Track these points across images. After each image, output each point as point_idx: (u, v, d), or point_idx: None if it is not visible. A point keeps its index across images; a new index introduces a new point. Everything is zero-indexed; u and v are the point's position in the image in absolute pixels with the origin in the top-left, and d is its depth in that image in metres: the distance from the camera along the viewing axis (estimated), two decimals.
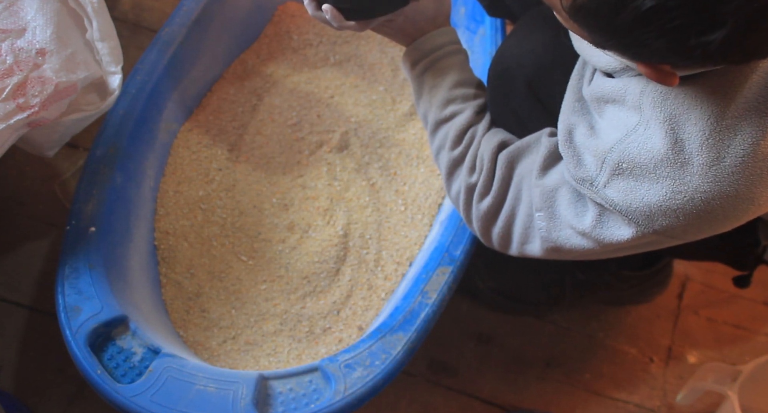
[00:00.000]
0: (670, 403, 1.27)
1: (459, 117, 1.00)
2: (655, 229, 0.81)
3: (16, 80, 1.00)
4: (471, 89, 1.02)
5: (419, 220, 1.26)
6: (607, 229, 0.85)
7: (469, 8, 1.37)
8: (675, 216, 0.79)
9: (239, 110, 1.37)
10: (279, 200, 1.29)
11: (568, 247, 0.90)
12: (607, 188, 0.82)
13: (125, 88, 1.21)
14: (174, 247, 1.22)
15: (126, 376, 0.97)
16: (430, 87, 1.02)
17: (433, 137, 1.03)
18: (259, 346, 1.17)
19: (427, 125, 1.04)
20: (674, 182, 0.78)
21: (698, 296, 1.37)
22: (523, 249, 0.97)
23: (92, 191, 1.12)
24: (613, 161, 0.81)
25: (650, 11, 0.63)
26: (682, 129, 0.77)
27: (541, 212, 0.91)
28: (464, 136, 1.00)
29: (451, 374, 1.26)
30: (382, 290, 1.21)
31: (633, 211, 0.81)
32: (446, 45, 1.02)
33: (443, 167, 1.02)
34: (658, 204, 0.79)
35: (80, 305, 1.00)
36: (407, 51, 1.03)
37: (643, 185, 0.79)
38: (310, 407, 0.96)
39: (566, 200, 0.88)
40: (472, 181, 0.98)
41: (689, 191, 0.77)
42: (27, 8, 1.04)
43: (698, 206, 0.78)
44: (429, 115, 1.03)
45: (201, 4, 1.33)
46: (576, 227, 0.87)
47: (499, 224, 0.97)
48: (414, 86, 1.04)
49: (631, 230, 0.82)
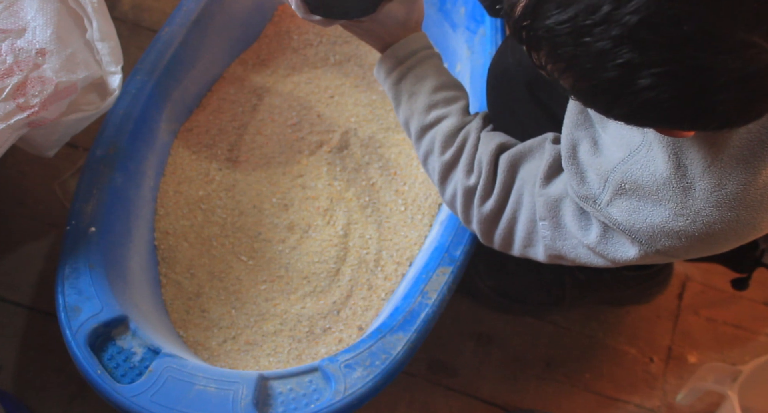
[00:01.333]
0: (670, 403, 1.27)
1: (445, 121, 1.00)
2: (657, 249, 0.82)
3: (16, 80, 1.00)
4: (451, 92, 1.01)
5: (419, 220, 1.26)
6: (612, 246, 0.85)
7: (469, 8, 1.37)
8: (677, 238, 0.80)
9: (239, 110, 1.37)
10: (279, 200, 1.29)
11: (572, 256, 0.91)
12: (610, 207, 0.83)
13: (125, 88, 1.21)
14: (174, 247, 1.22)
15: (126, 376, 0.97)
16: (409, 94, 1.01)
17: (419, 144, 1.02)
18: (259, 346, 1.17)
19: (410, 132, 1.03)
20: (677, 206, 0.78)
21: (698, 296, 1.37)
22: (526, 252, 0.97)
23: (92, 191, 1.12)
24: (616, 181, 0.81)
25: (645, 103, 0.64)
26: (685, 155, 0.77)
27: (545, 222, 0.91)
28: (455, 139, 0.99)
29: (451, 374, 1.26)
30: (382, 290, 1.21)
31: (636, 231, 0.81)
32: (419, 50, 1.01)
33: (435, 172, 1.01)
34: (660, 226, 0.80)
35: (80, 305, 1.00)
36: (381, 60, 1.02)
37: (646, 206, 0.80)
38: (310, 407, 0.96)
39: (571, 212, 0.88)
40: (471, 183, 0.97)
41: (691, 214, 0.78)
42: (27, 8, 1.04)
43: (700, 229, 0.78)
44: (411, 122, 1.02)
45: (201, 4, 1.33)
46: (581, 240, 0.88)
47: (501, 227, 0.97)
48: (391, 95, 1.03)
49: (635, 249, 0.83)
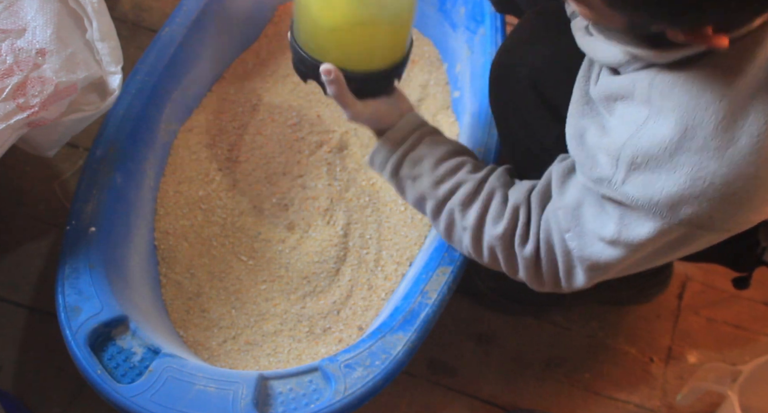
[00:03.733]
0: (670, 403, 1.27)
1: (460, 189, 0.98)
2: (680, 219, 0.79)
3: (16, 80, 1.00)
4: (453, 160, 1.00)
5: (419, 220, 1.26)
6: (632, 229, 0.83)
7: (469, 8, 1.37)
8: (698, 203, 0.78)
9: (239, 110, 1.37)
10: (279, 200, 1.29)
11: (603, 261, 0.89)
12: (625, 185, 0.81)
13: (125, 88, 1.20)
14: (174, 247, 1.22)
15: (126, 376, 0.97)
16: (412, 179, 1.01)
17: (438, 220, 1.01)
18: (259, 346, 1.17)
19: (426, 213, 1.02)
20: (692, 169, 0.77)
21: (698, 296, 1.37)
22: (572, 282, 0.94)
23: (92, 191, 1.12)
24: (628, 157, 0.80)
25: None
26: (692, 115, 0.76)
27: (570, 233, 0.90)
28: (474, 200, 0.98)
29: (451, 374, 1.26)
30: (382, 290, 1.21)
31: (655, 204, 0.79)
32: (409, 135, 1.02)
33: (465, 239, 0.99)
34: (679, 193, 0.78)
35: (80, 305, 1.00)
36: (373, 153, 1.03)
37: (661, 176, 0.78)
38: (310, 407, 0.96)
39: (590, 214, 0.87)
40: (500, 229, 0.95)
41: (708, 176, 0.76)
42: (27, 8, 1.04)
43: (720, 189, 0.76)
44: (425, 203, 1.01)
45: (201, 4, 1.33)
46: (604, 237, 0.86)
47: (543, 262, 0.94)
48: (394, 185, 1.04)
49: (655, 224, 0.81)
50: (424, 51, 1.46)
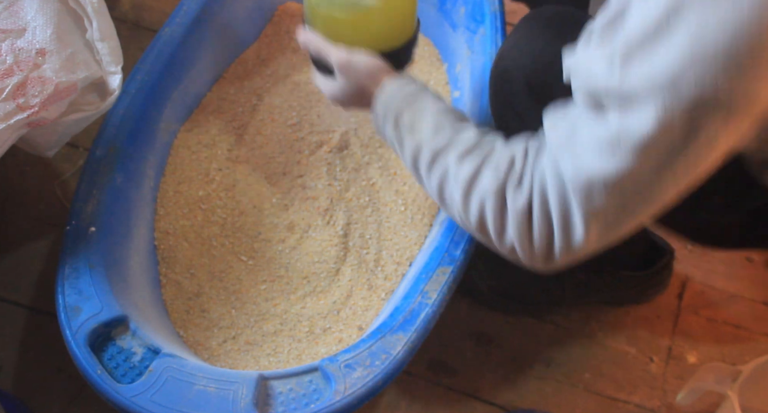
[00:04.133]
0: (670, 403, 1.27)
1: (462, 135, 0.93)
2: (682, 99, 0.74)
3: (16, 80, 1.00)
4: (457, 113, 0.97)
5: (419, 220, 1.26)
6: (632, 127, 0.77)
7: (469, 8, 1.37)
8: (702, 66, 0.72)
9: (239, 110, 1.37)
10: (279, 200, 1.29)
11: (602, 178, 0.80)
12: (628, 80, 0.76)
13: (125, 88, 1.21)
14: (174, 247, 1.22)
15: (126, 376, 0.97)
16: (410, 127, 0.97)
17: (431, 172, 0.94)
18: (259, 346, 1.17)
19: (419, 165, 0.96)
20: (689, 29, 0.72)
21: (698, 296, 1.37)
22: (569, 238, 0.85)
23: (92, 191, 1.12)
24: (621, 51, 0.76)
25: None
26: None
27: (565, 160, 0.82)
28: (473, 151, 0.92)
29: (451, 374, 1.26)
30: (382, 290, 1.21)
31: (659, 86, 0.74)
32: (413, 81, 1.00)
33: (456, 195, 0.92)
34: (680, 62, 0.73)
35: (80, 305, 1.00)
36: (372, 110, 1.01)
37: (660, 51, 0.74)
38: (310, 407, 0.95)
39: (586, 131, 0.81)
40: (495, 181, 0.88)
41: (708, 33, 0.71)
42: (27, 8, 1.04)
43: (724, 44, 0.71)
44: (422, 155, 0.95)
45: (201, 4, 1.33)
46: (602, 146, 0.79)
47: (536, 216, 0.86)
48: (392, 127, 0.99)
49: (657, 114, 0.75)
50: (424, 51, 1.46)
